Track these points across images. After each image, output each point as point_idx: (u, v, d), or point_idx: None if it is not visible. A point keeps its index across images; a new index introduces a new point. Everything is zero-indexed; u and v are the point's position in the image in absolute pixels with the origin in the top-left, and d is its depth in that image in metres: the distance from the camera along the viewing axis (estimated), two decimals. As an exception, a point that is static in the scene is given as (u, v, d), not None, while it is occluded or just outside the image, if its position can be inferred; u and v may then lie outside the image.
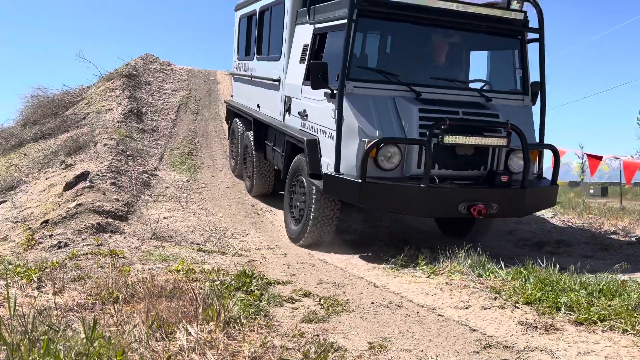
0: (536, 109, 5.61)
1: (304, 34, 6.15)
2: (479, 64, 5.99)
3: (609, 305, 3.39)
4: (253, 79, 8.43)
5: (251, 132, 7.90)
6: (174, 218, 6.77)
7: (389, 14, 5.08)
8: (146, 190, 7.80)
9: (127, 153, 9.11)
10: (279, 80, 6.91)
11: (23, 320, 2.38)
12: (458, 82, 5.60)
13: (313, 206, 5.32)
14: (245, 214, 7.55)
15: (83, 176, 7.12)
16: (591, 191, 32.46)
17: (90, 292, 3.27)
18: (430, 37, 5.55)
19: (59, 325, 2.55)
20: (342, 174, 4.89)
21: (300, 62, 6.16)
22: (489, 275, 4.31)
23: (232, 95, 10.40)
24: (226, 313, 2.90)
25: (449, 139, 4.71)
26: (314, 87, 5.15)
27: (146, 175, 8.44)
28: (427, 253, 5.06)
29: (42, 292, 3.28)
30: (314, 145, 5.34)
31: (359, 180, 4.70)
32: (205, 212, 7.36)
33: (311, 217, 5.37)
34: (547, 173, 5.83)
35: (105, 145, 9.04)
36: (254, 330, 2.84)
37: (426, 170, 4.69)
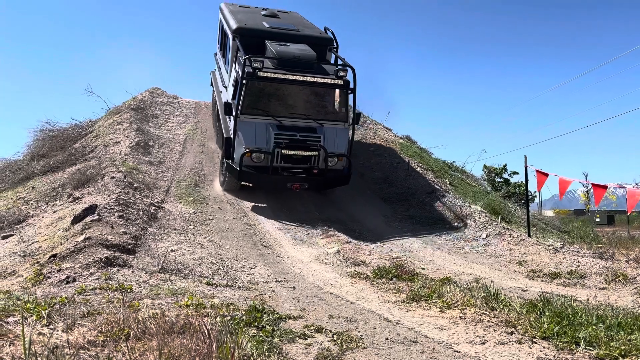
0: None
1: (234, 69, 10.19)
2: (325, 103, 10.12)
3: (629, 340, 3.31)
4: (220, 71, 12.45)
5: (217, 106, 12.14)
6: (181, 251, 6.73)
7: (267, 82, 9.29)
8: (153, 222, 7.78)
9: (135, 185, 9.14)
10: (226, 87, 11.02)
11: None
12: (305, 115, 9.60)
13: (228, 171, 9.77)
14: (252, 246, 7.51)
15: (91, 209, 7.12)
16: (597, 220, 32.22)
17: (101, 328, 3.22)
18: (291, 90, 9.65)
19: (71, 365, 2.50)
20: (234, 163, 9.31)
21: (232, 86, 10.20)
22: (503, 308, 4.24)
23: (215, 69, 14.02)
24: (239, 350, 2.85)
25: (285, 152, 9.17)
26: (225, 114, 9.78)
27: (153, 207, 8.44)
28: (437, 284, 5.00)
29: (52, 329, 3.23)
30: (229, 141, 9.50)
31: (238, 168, 9.18)
32: (212, 245, 7.33)
33: (227, 176, 9.94)
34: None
35: (112, 178, 9.08)
36: (268, 368, 2.78)
37: (271, 167, 9.18)
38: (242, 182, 9.80)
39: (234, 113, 9.23)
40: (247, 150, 9.07)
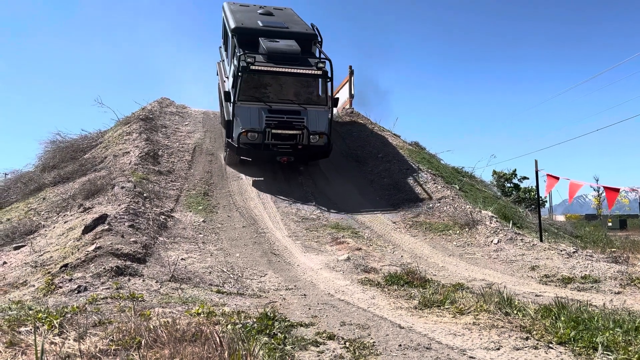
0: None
1: (233, 63, 11.82)
2: (310, 90, 11.90)
3: (648, 345, 3.24)
4: (224, 63, 14.16)
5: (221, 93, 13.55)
6: (192, 259, 6.73)
7: (259, 74, 11.08)
8: (163, 231, 7.80)
9: (144, 195, 9.18)
10: (228, 77, 12.69)
11: (48, 368, 2.34)
12: (291, 100, 11.43)
13: (228, 148, 11.72)
14: (262, 254, 7.50)
15: (101, 219, 7.16)
16: (609, 224, 31.85)
17: (113, 337, 3.21)
18: (279, 80, 11.45)
19: (83, 374, 2.49)
20: (233, 141, 11.17)
21: (231, 77, 11.88)
22: (517, 313, 4.18)
23: (220, 60, 15.34)
24: (252, 358, 2.82)
25: (275, 131, 10.95)
26: (226, 101, 11.78)
27: (163, 216, 8.46)
28: (450, 290, 4.94)
29: (64, 338, 3.23)
30: (229, 123, 11.39)
31: (237, 145, 11.07)
32: (222, 253, 7.32)
33: (228, 152, 11.94)
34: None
35: (122, 187, 9.13)
36: (280, 376, 2.75)
37: (263, 143, 11.01)
38: (241, 157, 11.58)
39: (232, 100, 11.05)
40: (244, 130, 10.95)
